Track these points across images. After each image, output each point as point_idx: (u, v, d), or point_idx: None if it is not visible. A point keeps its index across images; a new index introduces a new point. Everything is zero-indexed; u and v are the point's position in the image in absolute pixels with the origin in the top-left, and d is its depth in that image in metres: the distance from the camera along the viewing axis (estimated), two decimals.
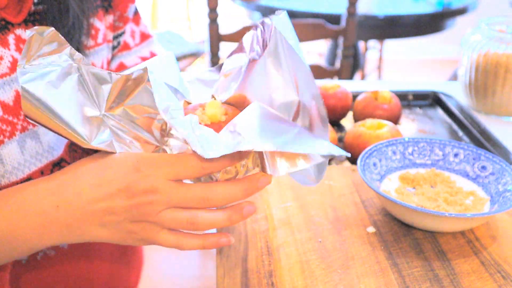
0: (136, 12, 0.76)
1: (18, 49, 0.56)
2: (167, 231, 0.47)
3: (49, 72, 0.44)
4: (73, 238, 0.48)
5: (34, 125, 0.57)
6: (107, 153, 0.47)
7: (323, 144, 0.47)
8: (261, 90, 0.51)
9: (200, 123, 0.47)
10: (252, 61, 0.52)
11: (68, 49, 0.46)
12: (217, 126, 0.48)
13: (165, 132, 0.46)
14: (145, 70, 0.45)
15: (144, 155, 0.46)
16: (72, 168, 0.47)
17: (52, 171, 0.60)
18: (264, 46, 0.51)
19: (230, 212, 0.47)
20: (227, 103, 0.53)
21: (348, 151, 0.79)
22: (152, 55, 0.80)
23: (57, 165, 0.61)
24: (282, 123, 0.48)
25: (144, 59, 0.78)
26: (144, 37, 0.79)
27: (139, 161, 0.45)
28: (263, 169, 0.49)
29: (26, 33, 0.49)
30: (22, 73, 0.43)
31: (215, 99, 0.54)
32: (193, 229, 0.46)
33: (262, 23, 0.52)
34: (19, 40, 0.56)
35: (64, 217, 0.46)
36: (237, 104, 0.53)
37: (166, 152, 0.47)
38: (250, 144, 0.43)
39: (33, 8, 0.58)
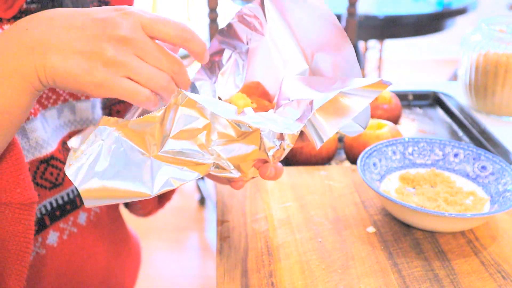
0: None
1: None
2: (125, 78, 0.45)
3: (95, 159, 0.44)
4: (39, 69, 0.44)
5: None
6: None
7: (364, 80, 0.47)
8: (272, 70, 0.52)
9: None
10: (251, 49, 0.53)
11: (102, 120, 0.46)
12: None
13: (208, 143, 0.45)
14: (179, 92, 0.44)
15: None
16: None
17: (38, 168, 0.60)
18: (257, 30, 0.52)
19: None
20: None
21: (348, 151, 0.79)
22: None
23: (44, 162, 0.61)
24: (321, 79, 0.49)
25: None
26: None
27: (119, 9, 0.45)
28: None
29: (69, 142, 0.49)
30: (74, 175, 0.44)
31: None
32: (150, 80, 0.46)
33: (239, 14, 0.53)
34: None
35: (29, 40, 0.44)
36: (251, 92, 0.53)
37: (222, 166, 0.46)
38: (320, 99, 0.44)
39: (25, 6, 0.58)
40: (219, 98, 0.55)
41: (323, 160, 0.78)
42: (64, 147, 0.65)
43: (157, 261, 1.83)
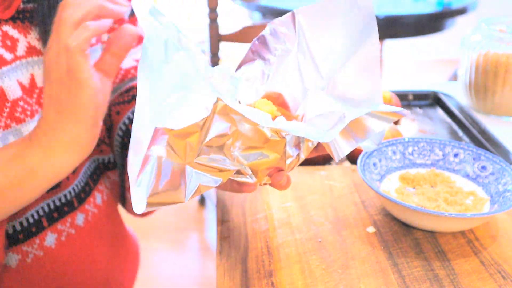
0: (132, 14, 0.76)
1: (4, 46, 0.56)
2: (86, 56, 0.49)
3: (149, 177, 0.45)
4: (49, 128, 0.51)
5: (18, 123, 0.57)
6: None
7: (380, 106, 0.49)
8: (294, 84, 0.54)
9: None
10: (278, 61, 0.55)
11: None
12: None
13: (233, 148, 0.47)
14: (218, 99, 0.44)
15: None
16: None
17: None
18: (286, 43, 0.55)
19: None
20: None
21: None
22: None
23: None
24: (346, 99, 0.52)
25: (138, 61, 0.78)
26: (141, 39, 0.79)
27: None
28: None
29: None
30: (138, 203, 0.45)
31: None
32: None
33: (271, 27, 0.55)
34: (5, 36, 0.56)
35: (41, 128, 0.50)
36: (272, 101, 0.55)
37: (242, 171, 0.48)
38: (353, 113, 0.46)
39: (21, 6, 0.58)
40: (239, 102, 0.56)
41: (323, 160, 0.78)
42: None
43: (157, 261, 1.83)
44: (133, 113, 0.72)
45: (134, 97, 0.74)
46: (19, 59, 0.57)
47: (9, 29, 0.56)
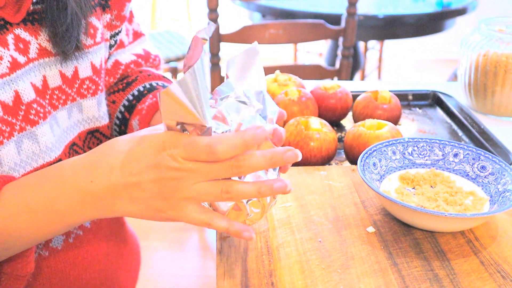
0: (130, 11, 0.76)
1: (18, 49, 0.56)
2: (197, 208, 0.49)
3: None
4: (106, 212, 0.51)
5: (32, 126, 0.57)
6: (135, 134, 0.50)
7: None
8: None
9: None
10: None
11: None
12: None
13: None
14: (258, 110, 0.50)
15: (169, 134, 0.47)
16: (105, 146, 0.50)
17: None
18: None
19: (260, 183, 0.48)
20: None
21: (348, 151, 0.79)
22: (145, 52, 0.80)
23: None
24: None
25: (138, 56, 0.78)
26: (137, 35, 0.80)
27: (165, 141, 0.46)
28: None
29: None
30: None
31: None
32: (226, 198, 0.48)
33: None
34: (18, 39, 0.56)
35: (97, 191, 0.49)
36: None
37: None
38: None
39: (31, 7, 0.58)
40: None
41: (323, 160, 0.78)
42: (71, 150, 0.65)
43: (157, 261, 1.83)
44: (127, 100, 0.73)
45: (128, 84, 0.74)
46: (31, 61, 0.58)
47: (21, 32, 0.57)
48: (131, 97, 0.73)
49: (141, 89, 0.74)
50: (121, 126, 0.73)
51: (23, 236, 0.52)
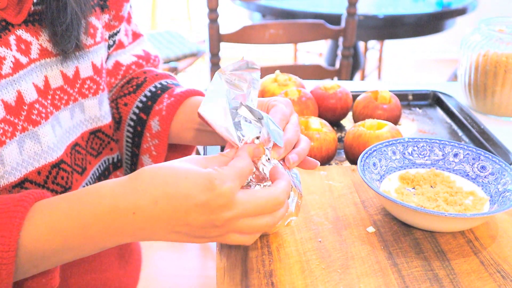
0: (128, 11, 0.76)
1: (20, 50, 0.56)
2: (237, 233, 0.50)
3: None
4: (143, 239, 0.50)
5: (34, 126, 0.57)
6: (178, 164, 0.49)
7: None
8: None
9: None
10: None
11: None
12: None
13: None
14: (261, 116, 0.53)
15: (215, 172, 0.47)
16: (147, 174, 0.48)
17: (50, 172, 0.60)
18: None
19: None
20: None
21: (348, 152, 0.79)
22: (145, 53, 0.80)
23: (56, 166, 0.61)
24: None
25: (138, 57, 0.78)
26: (136, 36, 0.80)
27: (212, 178, 0.46)
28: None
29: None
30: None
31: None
32: (269, 231, 0.51)
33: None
34: (19, 40, 0.56)
35: (139, 223, 0.47)
36: None
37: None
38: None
39: (32, 8, 0.58)
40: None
41: (323, 160, 0.78)
42: (73, 150, 0.65)
43: (157, 261, 1.83)
44: (141, 102, 0.73)
45: (138, 86, 0.74)
46: (33, 62, 0.58)
47: (22, 33, 0.57)
48: (144, 98, 0.73)
49: (153, 89, 0.74)
50: (137, 127, 0.73)
51: (54, 257, 0.50)
